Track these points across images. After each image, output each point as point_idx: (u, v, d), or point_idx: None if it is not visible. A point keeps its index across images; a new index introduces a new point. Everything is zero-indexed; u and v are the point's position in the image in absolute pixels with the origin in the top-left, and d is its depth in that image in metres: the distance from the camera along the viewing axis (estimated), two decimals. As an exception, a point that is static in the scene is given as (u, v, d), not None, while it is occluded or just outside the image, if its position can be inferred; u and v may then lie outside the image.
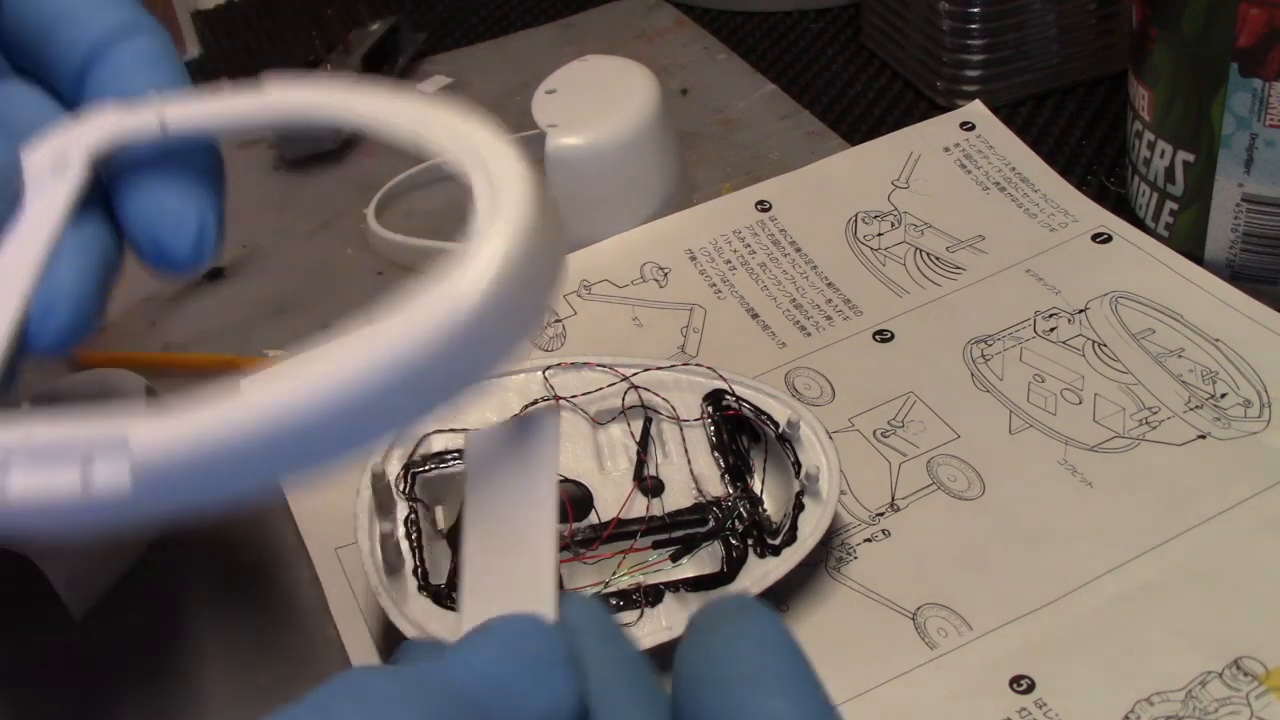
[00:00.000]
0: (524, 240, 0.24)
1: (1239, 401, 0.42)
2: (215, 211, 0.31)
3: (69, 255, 0.29)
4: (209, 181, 0.31)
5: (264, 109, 0.30)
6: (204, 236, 0.30)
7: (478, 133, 0.27)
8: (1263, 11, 0.42)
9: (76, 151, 0.29)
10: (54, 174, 0.29)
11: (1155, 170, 0.49)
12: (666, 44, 0.69)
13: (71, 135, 0.30)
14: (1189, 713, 0.34)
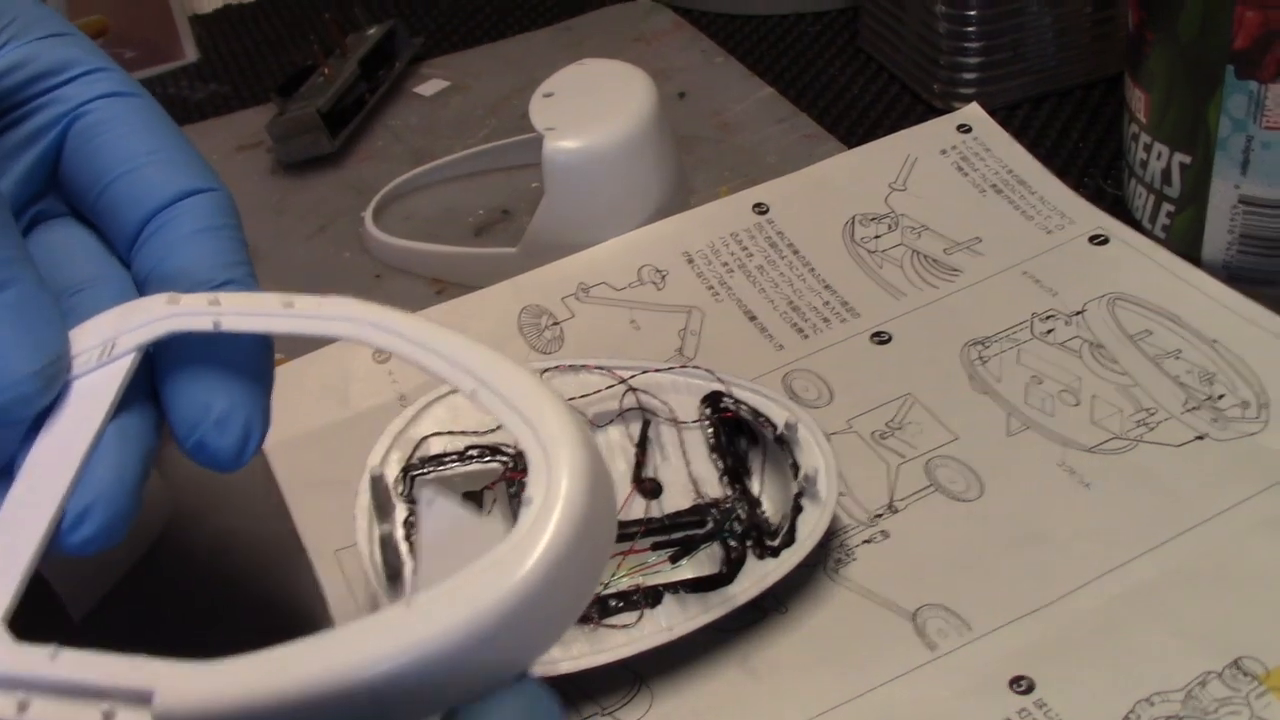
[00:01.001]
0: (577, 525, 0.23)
1: (1236, 403, 0.42)
2: (261, 412, 0.30)
3: (110, 452, 0.29)
4: (257, 380, 0.30)
5: (320, 323, 0.29)
6: (249, 440, 0.30)
7: (535, 398, 0.25)
8: (1259, 14, 0.43)
9: (125, 343, 0.29)
10: (100, 361, 0.29)
11: (1152, 172, 0.49)
12: (664, 47, 0.69)
13: (123, 324, 0.29)
14: (1189, 713, 0.34)
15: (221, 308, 0.29)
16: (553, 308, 0.49)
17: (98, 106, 0.33)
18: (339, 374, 0.47)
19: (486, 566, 0.22)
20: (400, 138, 0.64)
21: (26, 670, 0.25)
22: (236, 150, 0.65)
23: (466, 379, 0.26)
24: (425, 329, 0.27)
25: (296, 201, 0.61)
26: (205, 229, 0.32)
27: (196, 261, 0.31)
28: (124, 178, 0.32)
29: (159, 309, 0.29)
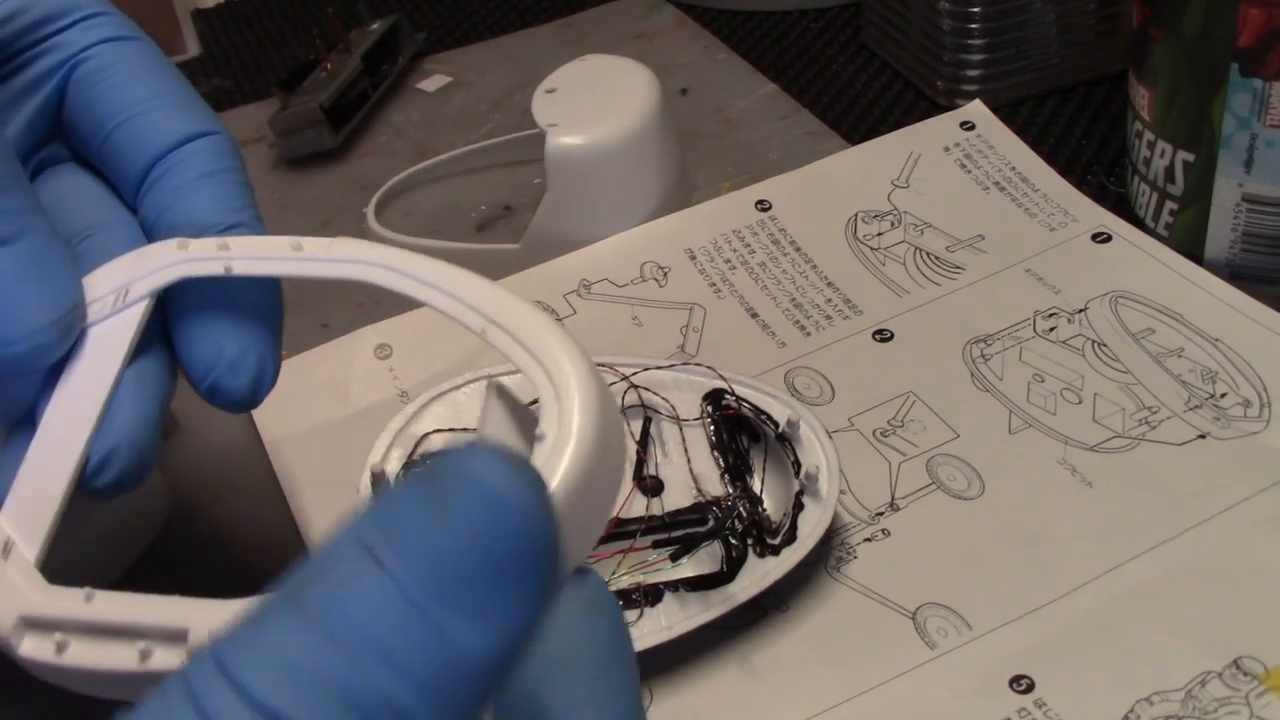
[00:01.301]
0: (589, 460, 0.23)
1: (1239, 401, 0.42)
2: (273, 353, 0.31)
3: (129, 397, 0.29)
4: (268, 321, 0.31)
5: (329, 266, 0.29)
6: (261, 380, 0.30)
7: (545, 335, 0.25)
8: (1263, 12, 0.42)
9: (139, 289, 0.29)
10: (115, 307, 0.29)
11: (1155, 170, 0.49)
12: (666, 43, 0.69)
13: (135, 270, 0.29)
14: (1189, 713, 0.34)
15: (231, 252, 0.29)
16: (555, 304, 0.49)
17: (99, 52, 0.34)
18: (340, 371, 0.47)
19: None
20: (402, 133, 0.64)
21: (63, 613, 0.25)
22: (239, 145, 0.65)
23: (476, 318, 0.26)
24: (434, 269, 0.27)
25: (298, 197, 0.61)
26: (210, 173, 0.32)
27: (203, 206, 0.32)
28: (128, 123, 0.33)
29: (170, 254, 0.29)
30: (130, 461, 0.28)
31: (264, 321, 0.31)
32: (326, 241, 0.29)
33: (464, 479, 0.17)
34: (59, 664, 0.25)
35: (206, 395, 0.30)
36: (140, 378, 0.29)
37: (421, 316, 0.50)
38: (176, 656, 0.24)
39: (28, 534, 0.27)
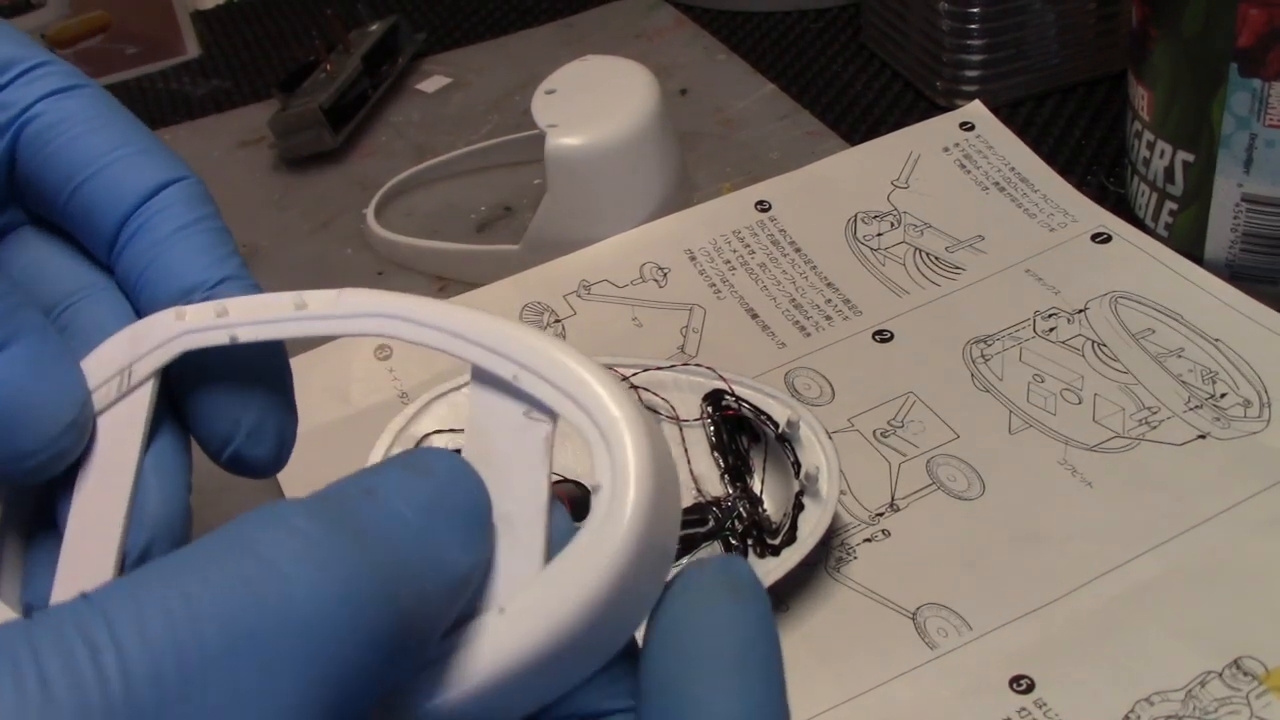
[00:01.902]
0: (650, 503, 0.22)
1: (1239, 401, 0.42)
2: (290, 415, 0.30)
3: (154, 484, 0.28)
4: (279, 384, 0.30)
5: (340, 323, 0.27)
6: (283, 446, 0.29)
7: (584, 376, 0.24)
8: (1262, 12, 0.42)
9: (142, 369, 0.28)
10: (120, 392, 0.28)
11: (1155, 170, 0.49)
12: (666, 44, 0.69)
13: (134, 349, 0.28)
14: (1189, 713, 0.34)
15: (231, 317, 0.28)
16: (554, 305, 0.49)
17: (47, 107, 0.32)
18: (340, 372, 0.47)
19: (573, 560, 0.22)
20: (402, 134, 0.64)
21: None
22: (238, 146, 0.65)
23: (506, 364, 0.25)
24: (451, 314, 0.26)
25: (298, 198, 0.61)
26: (186, 224, 0.31)
27: (186, 262, 0.30)
28: (92, 180, 0.31)
29: (168, 327, 0.28)
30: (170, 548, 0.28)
31: (275, 384, 0.30)
32: (333, 295, 0.27)
33: (434, 455, 0.22)
34: None
35: (229, 467, 0.29)
36: (161, 461, 0.28)
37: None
38: None
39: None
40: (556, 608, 0.21)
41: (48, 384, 0.27)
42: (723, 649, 0.21)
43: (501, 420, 0.25)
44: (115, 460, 0.28)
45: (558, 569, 0.22)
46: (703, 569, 0.22)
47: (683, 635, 0.21)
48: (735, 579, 0.22)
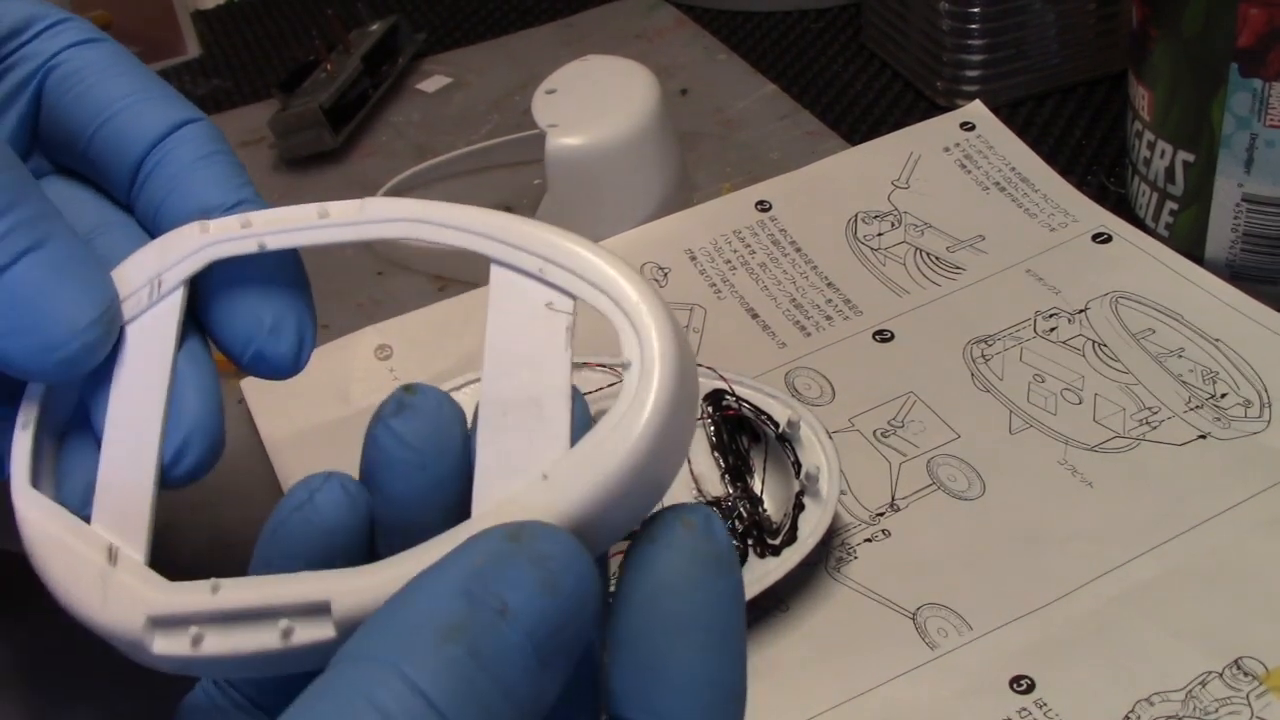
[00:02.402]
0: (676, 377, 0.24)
1: (1239, 401, 0.42)
2: (310, 316, 0.31)
3: (189, 384, 0.29)
4: (298, 288, 0.31)
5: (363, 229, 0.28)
6: (303, 344, 0.30)
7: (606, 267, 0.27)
8: (1263, 11, 0.42)
9: (172, 278, 0.29)
10: (151, 300, 0.29)
11: (1155, 170, 0.49)
12: (666, 44, 0.69)
13: (163, 260, 0.29)
14: (1189, 713, 0.34)
15: (256, 228, 0.29)
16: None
17: (69, 56, 0.33)
18: (340, 371, 0.47)
19: (614, 427, 0.23)
20: (402, 134, 0.64)
21: (192, 607, 0.25)
22: (239, 146, 0.65)
23: (530, 259, 0.26)
24: (472, 216, 0.27)
25: (299, 198, 0.61)
26: (204, 156, 0.32)
27: (205, 188, 0.32)
28: (111, 120, 0.33)
29: (195, 238, 0.29)
30: (205, 447, 0.29)
31: (295, 286, 0.31)
32: (356, 204, 0.28)
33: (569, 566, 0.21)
34: (196, 656, 0.25)
35: (250, 366, 0.30)
36: (194, 362, 0.30)
37: (422, 317, 0.50)
38: (322, 630, 0.24)
39: (128, 536, 0.27)
40: (604, 468, 0.23)
41: (75, 282, 0.28)
42: (697, 618, 0.23)
43: (524, 312, 0.26)
44: (148, 364, 0.28)
45: (600, 436, 0.24)
46: (685, 530, 0.23)
47: (660, 598, 0.23)
48: (716, 549, 0.23)
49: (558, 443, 0.24)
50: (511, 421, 0.25)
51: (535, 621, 0.21)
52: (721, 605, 0.23)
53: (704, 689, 0.23)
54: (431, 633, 0.20)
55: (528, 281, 0.26)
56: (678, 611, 0.23)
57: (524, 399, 0.25)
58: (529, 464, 0.24)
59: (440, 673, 0.20)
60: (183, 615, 0.25)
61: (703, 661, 0.23)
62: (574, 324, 0.26)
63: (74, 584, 0.26)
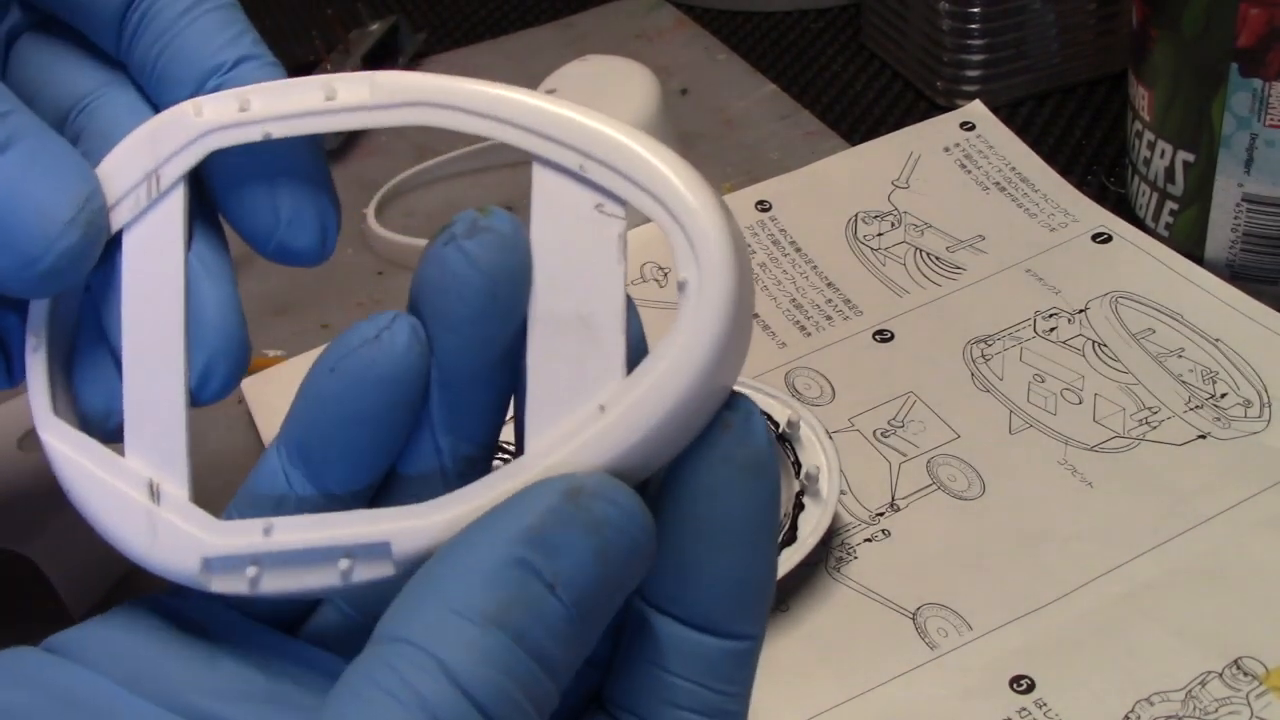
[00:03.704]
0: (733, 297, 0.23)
1: (1239, 401, 0.42)
2: (330, 201, 0.29)
3: (205, 294, 0.27)
4: (315, 172, 0.29)
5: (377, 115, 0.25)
6: (326, 232, 0.29)
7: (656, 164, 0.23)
8: (1263, 11, 0.42)
9: (170, 173, 0.26)
10: (151, 199, 0.27)
11: (1155, 170, 0.49)
12: (666, 44, 0.69)
13: (156, 150, 0.27)
14: (1189, 713, 0.34)
15: (256, 111, 0.26)
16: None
17: None
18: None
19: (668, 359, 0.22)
20: (402, 134, 0.64)
21: (246, 549, 0.24)
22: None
23: (570, 154, 0.24)
24: (501, 100, 0.24)
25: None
26: (192, 5, 0.29)
27: (199, 45, 0.29)
28: None
29: (189, 124, 0.26)
30: (232, 364, 0.27)
31: (311, 173, 0.29)
32: (363, 80, 0.25)
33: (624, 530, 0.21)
34: (256, 594, 0.24)
35: (275, 258, 0.29)
36: (208, 269, 0.28)
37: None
38: (382, 569, 0.23)
39: (167, 469, 0.26)
40: (662, 403, 0.22)
41: (44, 184, 0.26)
42: (731, 524, 0.23)
43: (571, 212, 0.24)
44: (158, 274, 0.26)
45: (659, 368, 0.22)
46: (724, 432, 0.23)
47: (697, 502, 0.23)
48: (754, 452, 0.23)
49: (613, 370, 0.23)
50: (564, 343, 0.23)
51: (583, 592, 0.21)
52: (756, 510, 0.23)
53: (734, 586, 0.23)
54: (479, 616, 0.20)
55: (574, 183, 0.24)
56: (713, 516, 0.23)
57: (575, 317, 0.23)
58: (583, 392, 0.23)
59: (481, 663, 0.20)
60: (238, 556, 0.24)
61: (734, 564, 0.23)
62: (626, 231, 0.23)
63: (118, 524, 0.25)
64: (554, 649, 0.20)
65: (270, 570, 0.24)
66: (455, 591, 0.20)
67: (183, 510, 0.25)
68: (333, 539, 0.24)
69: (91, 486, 0.26)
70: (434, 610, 0.20)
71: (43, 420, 0.27)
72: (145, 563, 0.25)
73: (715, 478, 0.23)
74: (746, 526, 0.23)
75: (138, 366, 0.26)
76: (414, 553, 0.23)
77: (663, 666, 0.23)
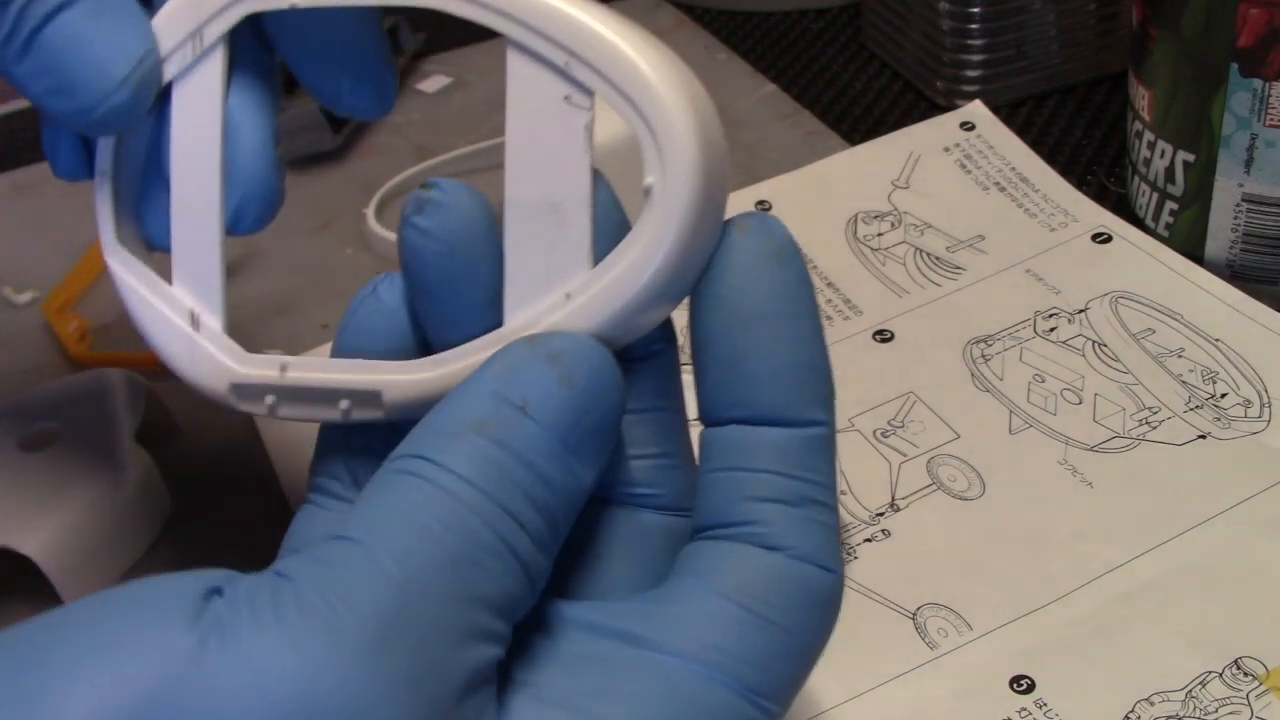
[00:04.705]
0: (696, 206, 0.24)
1: (1239, 401, 0.42)
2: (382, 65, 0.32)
3: (241, 147, 0.30)
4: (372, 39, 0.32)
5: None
6: (382, 94, 0.33)
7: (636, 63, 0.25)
8: (1263, 11, 0.42)
9: (212, 33, 0.29)
10: (195, 56, 0.29)
11: (1155, 170, 0.49)
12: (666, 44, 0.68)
13: (199, 11, 0.29)
14: (1189, 713, 0.34)
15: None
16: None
17: None
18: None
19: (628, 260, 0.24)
20: (403, 134, 0.64)
21: (265, 380, 0.28)
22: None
23: (555, 50, 0.25)
24: None
25: (298, 198, 0.61)
26: None
27: None
28: None
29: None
30: (263, 204, 0.30)
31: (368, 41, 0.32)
32: None
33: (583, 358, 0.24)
34: (274, 416, 0.28)
35: (343, 113, 0.33)
36: (246, 119, 0.30)
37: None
38: (375, 412, 0.27)
39: (205, 300, 0.29)
40: (622, 296, 0.24)
41: (106, 40, 0.29)
42: (765, 310, 0.24)
43: (542, 103, 0.25)
44: (200, 124, 0.29)
45: (620, 264, 0.24)
46: (741, 233, 0.25)
47: (728, 298, 0.24)
48: (774, 243, 0.25)
49: (580, 258, 0.25)
50: (534, 228, 0.25)
51: (555, 413, 0.23)
52: (788, 293, 0.24)
53: (784, 372, 0.24)
54: (460, 428, 0.23)
55: (547, 72, 0.25)
56: (746, 308, 0.24)
57: (545, 203, 0.25)
58: (553, 278, 0.25)
59: (471, 458, 0.22)
60: (259, 385, 0.28)
61: (779, 349, 0.24)
62: (593, 121, 0.25)
63: (166, 344, 0.29)
64: (540, 461, 0.23)
65: (284, 401, 0.28)
66: (440, 419, 0.23)
67: (216, 340, 0.29)
68: (335, 382, 0.27)
69: (145, 310, 0.30)
70: (423, 432, 0.23)
71: (108, 245, 0.30)
72: (186, 378, 0.29)
73: (745, 276, 0.24)
74: (785, 309, 0.24)
75: (183, 206, 0.30)
76: (401, 401, 0.26)
77: (740, 467, 0.24)
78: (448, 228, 0.26)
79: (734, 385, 0.24)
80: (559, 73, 0.25)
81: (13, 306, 0.55)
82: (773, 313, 0.24)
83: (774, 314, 0.24)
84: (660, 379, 0.27)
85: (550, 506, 0.23)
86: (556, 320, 0.25)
